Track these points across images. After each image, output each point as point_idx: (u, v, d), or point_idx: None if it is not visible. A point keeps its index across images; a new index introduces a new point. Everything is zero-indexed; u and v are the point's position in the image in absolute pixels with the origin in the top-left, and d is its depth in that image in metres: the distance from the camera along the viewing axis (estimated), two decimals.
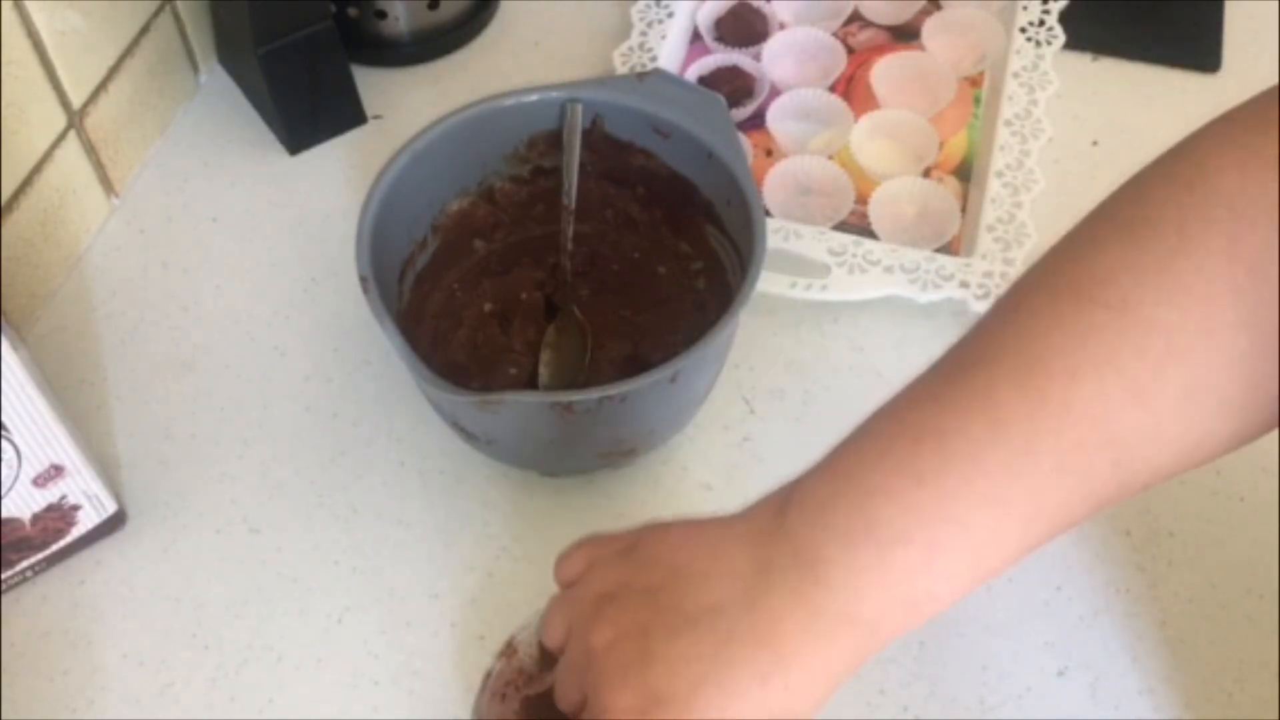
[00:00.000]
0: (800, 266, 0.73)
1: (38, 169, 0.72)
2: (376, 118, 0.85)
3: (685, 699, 0.44)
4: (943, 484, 0.43)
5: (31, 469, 0.59)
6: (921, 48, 0.85)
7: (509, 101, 0.68)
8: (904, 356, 0.72)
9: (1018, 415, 0.43)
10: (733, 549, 0.46)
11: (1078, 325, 0.43)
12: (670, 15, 0.86)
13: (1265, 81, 0.88)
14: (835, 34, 0.86)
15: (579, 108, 0.68)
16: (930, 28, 0.86)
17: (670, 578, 0.47)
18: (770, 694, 0.44)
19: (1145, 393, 0.42)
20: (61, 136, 0.74)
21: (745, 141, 0.78)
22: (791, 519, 0.45)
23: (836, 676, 0.45)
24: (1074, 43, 0.85)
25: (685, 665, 0.44)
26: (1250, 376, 0.42)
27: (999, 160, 0.78)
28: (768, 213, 0.75)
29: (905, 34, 0.87)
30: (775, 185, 0.78)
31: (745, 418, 0.69)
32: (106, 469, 0.64)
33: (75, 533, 0.64)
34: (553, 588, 0.52)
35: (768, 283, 0.72)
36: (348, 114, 0.84)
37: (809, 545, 0.44)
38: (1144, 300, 0.42)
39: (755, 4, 0.87)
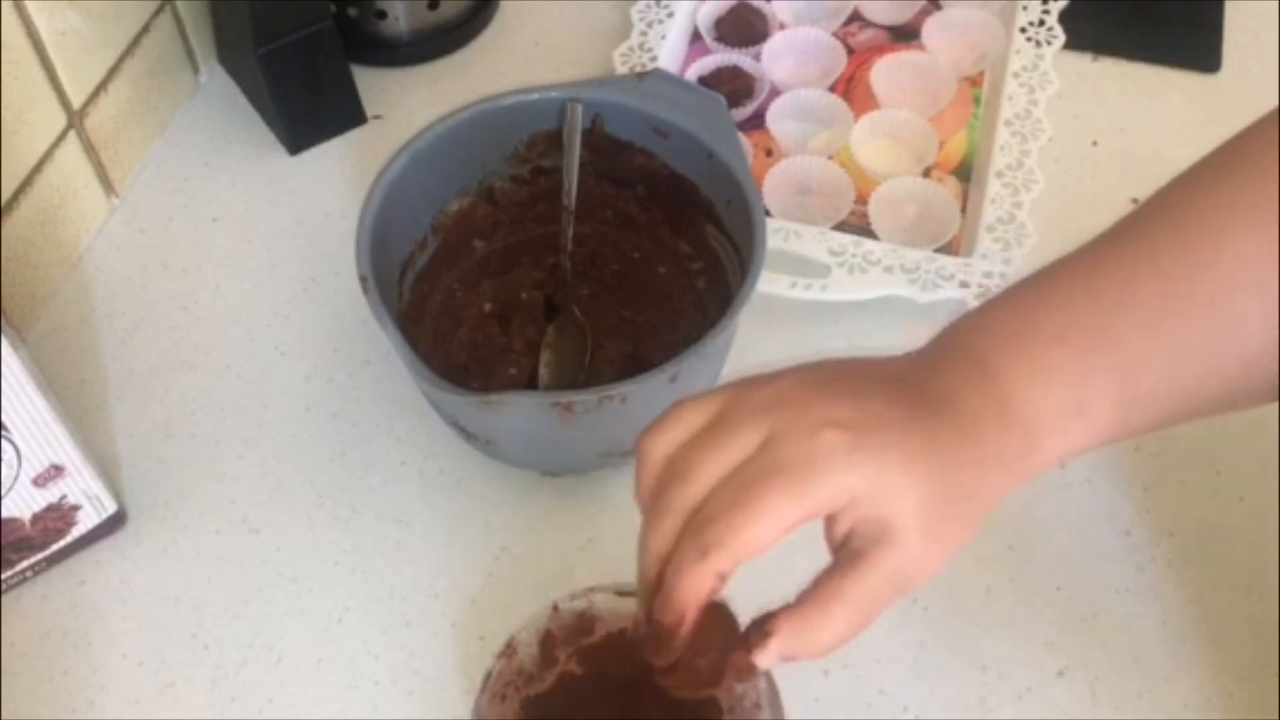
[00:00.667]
0: (800, 266, 0.73)
1: (38, 169, 0.72)
2: (376, 118, 0.85)
3: (903, 429, 0.42)
4: (1099, 302, 0.45)
5: (31, 469, 0.59)
6: (921, 48, 0.85)
7: (509, 101, 0.68)
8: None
9: (1174, 252, 0.46)
10: (892, 360, 0.46)
11: (1226, 188, 0.47)
12: (670, 15, 0.86)
13: (1265, 82, 0.88)
14: (835, 34, 0.86)
15: (579, 108, 0.68)
16: (930, 28, 0.86)
17: (829, 371, 0.45)
18: (965, 457, 0.43)
19: None
20: (61, 136, 0.74)
21: (745, 141, 0.78)
22: (948, 333, 0.47)
23: (1009, 474, 0.44)
24: (1074, 43, 0.85)
25: (897, 402, 0.43)
26: None
27: (999, 160, 0.77)
28: (768, 213, 0.75)
29: (905, 34, 0.87)
30: (775, 185, 0.78)
31: None
32: (106, 469, 0.64)
33: (75, 533, 0.64)
34: (552, 587, 0.52)
35: (768, 283, 0.72)
36: (348, 114, 0.84)
37: (974, 347, 0.45)
38: None
39: (755, 4, 0.87)
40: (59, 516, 0.62)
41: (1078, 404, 0.44)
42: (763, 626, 0.43)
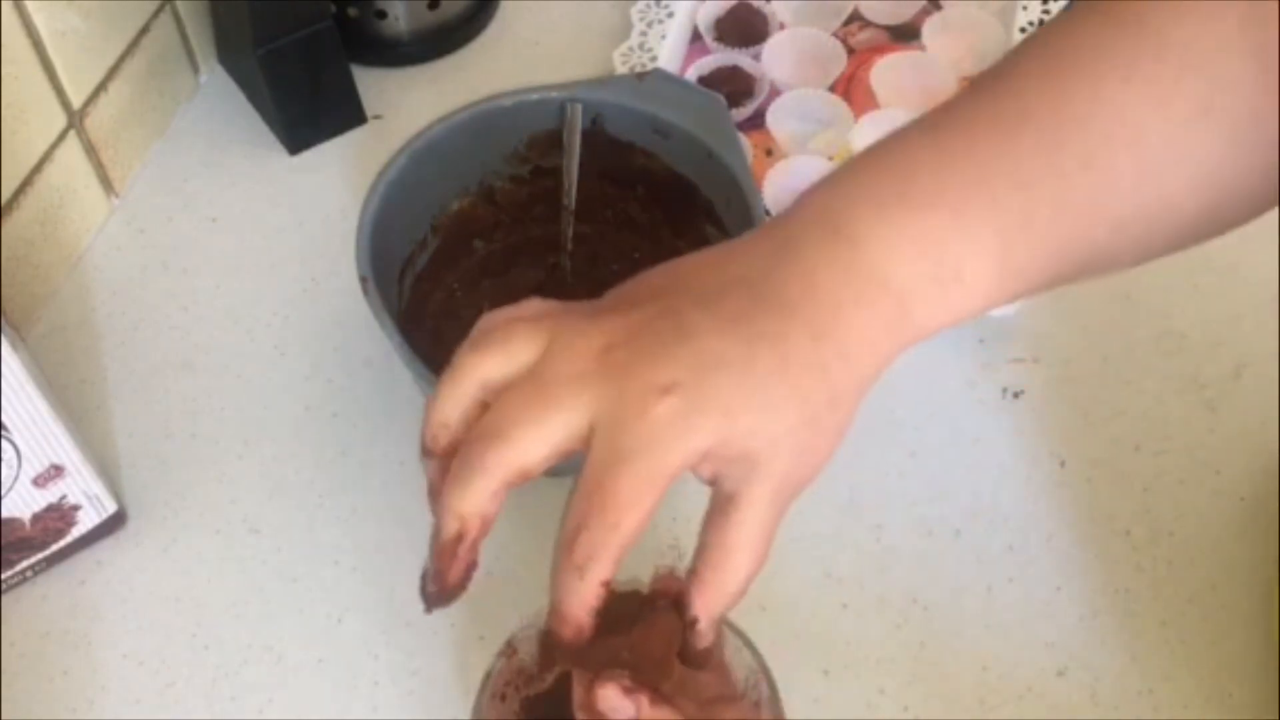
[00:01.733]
0: None
1: (38, 169, 0.72)
2: (376, 118, 0.85)
3: (744, 359, 0.39)
4: (972, 158, 0.43)
5: (31, 469, 0.59)
6: (921, 48, 0.85)
7: (509, 101, 0.68)
8: (903, 356, 0.71)
9: (1045, 107, 0.43)
10: (744, 240, 0.44)
11: (1099, 38, 0.44)
12: (670, 15, 0.86)
13: None
14: (835, 34, 0.86)
15: (579, 108, 0.68)
16: (930, 28, 0.86)
17: (675, 276, 0.43)
18: (825, 356, 0.41)
19: (1164, 98, 0.43)
20: (61, 136, 0.74)
21: (745, 141, 0.78)
22: (815, 194, 0.44)
23: (881, 353, 0.42)
24: None
25: (734, 326, 0.40)
26: (1256, 105, 0.43)
27: None
28: (768, 213, 0.75)
29: (905, 34, 0.87)
30: (775, 185, 0.78)
31: None
32: (106, 469, 0.64)
33: (75, 533, 0.64)
34: None
35: None
36: (348, 114, 0.84)
37: (836, 211, 0.43)
38: (1158, 18, 0.43)
39: (755, 4, 0.87)
40: (59, 516, 0.62)
41: (953, 272, 0.42)
42: (677, 606, 0.42)
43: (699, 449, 0.39)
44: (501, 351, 0.42)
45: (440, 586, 0.44)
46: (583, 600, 0.40)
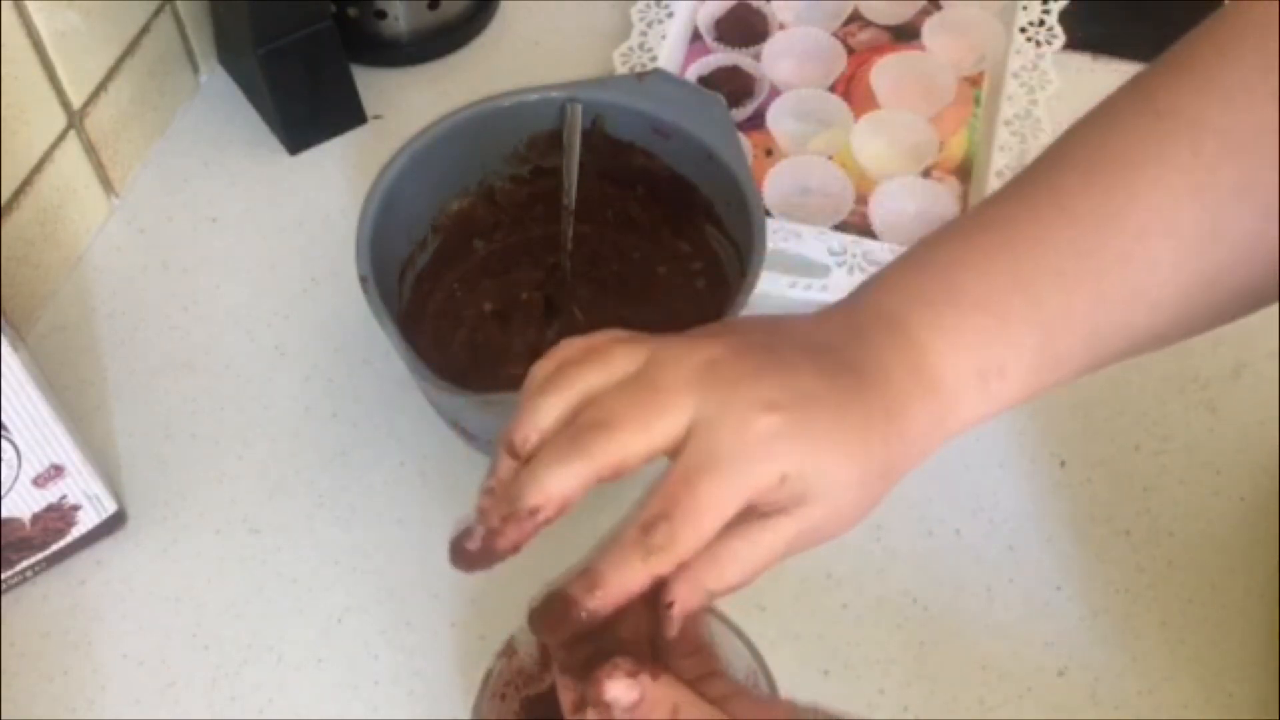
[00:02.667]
0: (800, 266, 0.73)
1: (38, 169, 0.72)
2: (376, 118, 0.85)
3: (838, 405, 0.42)
4: (1015, 259, 0.45)
5: (31, 469, 0.59)
6: (921, 48, 0.85)
7: (509, 101, 0.68)
8: None
9: (1084, 203, 0.45)
10: (820, 316, 0.46)
11: (1135, 129, 0.46)
12: (670, 15, 0.86)
13: None
14: (835, 34, 0.86)
15: (579, 108, 0.68)
16: (930, 28, 0.86)
17: (763, 328, 0.45)
18: (891, 432, 0.43)
19: (1202, 187, 0.44)
20: (61, 136, 0.74)
21: (745, 141, 0.78)
22: (874, 292, 0.47)
23: (928, 446, 0.45)
24: (1074, 43, 0.85)
25: (828, 376, 0.42)
26: None
27: (999, 160, 0.77)
28: (768, 213, 0.75)
29: (905, 34, 0.87)
30: (775, 185, 0.78)
31: None
32: (106, 469, 0.64)
33: (75, 533, 0.64)
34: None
35: (768, 283, 0.72)
36: (348, 114, 0.84)
37: (894, 310, 0.45)
38: (1194, 107, 0.45)
39: (755, 4, 0.87)
40: (59, 516, 0.62)
41: (997, 369, 0.44)
42: (650, 598, 0.42)
43: (784, 471, 0.41)
44: (603, 366, 0.43)
45: (487, 548, 0.44)
46: (632, 581, 0.41)
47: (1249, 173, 0.44)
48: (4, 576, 0.63)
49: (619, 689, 0.40)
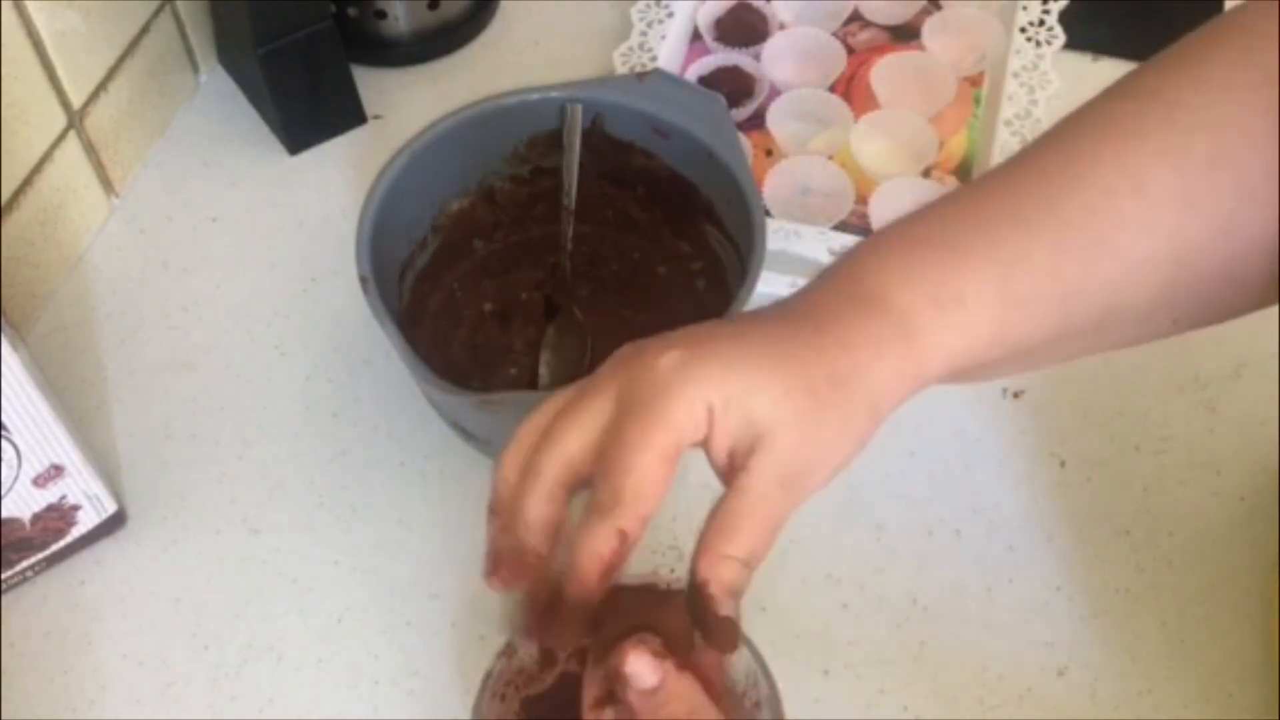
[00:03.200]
0: (800, 266, 0.73)
1: (38, 169, 0.72)
2: (376, 118, 0.85)
3: (738, 335, 0.43)
4: (976, 205, 0.46)
5: (31, 469, 0.59)
6: (921, 48, 0.85)
7: (509, 101, 0.68)
8: None
9: (1052, 165, 0.46)
10: (773, 308, 0.47)
11: (1111, 108, 0.47)
12: (670, 15, 0.86)
13: None
14: (835, 34, 0.86)
15: (579, 108, 0.68)
16: (930, 28, 0.86)
17: (704, 330, 0.45)
18: (824, 342, 0.43)
19: (1170, 151, 0.45)
20: (61, 136, 0.74)
21: (745, 141, 0.78)
22: (831, 264, 0.47)
23: (889, 362, 0.43)
24: (1074, 43, 0.85)
25: (737, 334, 0.44)
26: (1269, 160, 0.44)
27: (999, 160, 0.77)
28: (768, 213, 0.75)
29: (905, 34, 0.87)
30: (775, 185, 0.78)
31: None
32: (106, 469, 0.64)
33: (75, 533, 0.64)
34: None
35: (768, 283, 0.71)
36: (348, 114, 0.84)
37: (850, 259, 0.46)
38: (1169, 88, 0.47)
39: (755, 4, 0.87)
40: (59, 516, 0.62)
41: (953, 295, 0.44)
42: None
43: (701, 397, 0.41)
44: (542, 412, 0.46)
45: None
46: (596, 549, 0.41)
47: (1222, 147, 0.45)
48: (4, 576, 0.63)
49: (642, 664, 0.41)
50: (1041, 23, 0.86)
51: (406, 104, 0.85)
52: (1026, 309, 0.45)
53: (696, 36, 0.87)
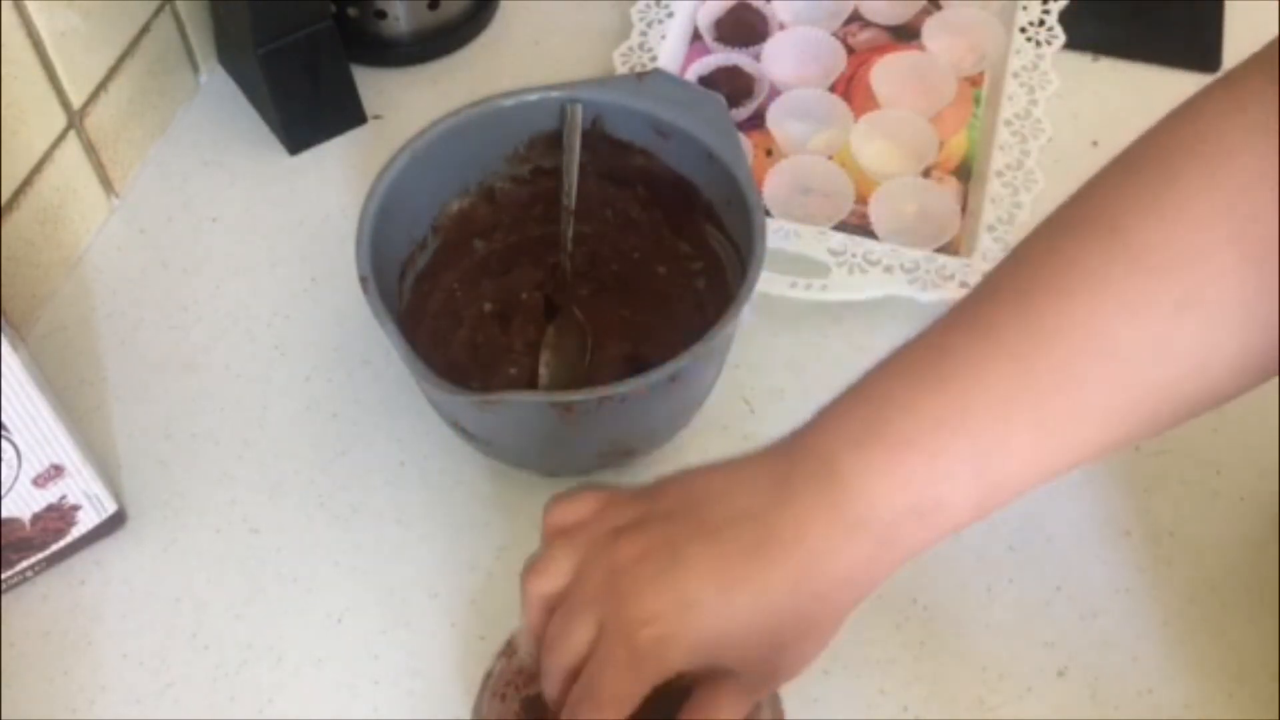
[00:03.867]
0: (800, 266, 0.73)
1: (38, 169, 0.72)
2: (376, 118, 0.85)
3: (717, 602, 0.44)
4: (946, 392, 0.45)
5: (31, 469, 0.59)
6: (921, 48, 0.85)
7: (509, 101, 0.68)
8: None
9: (1013, 331, 0.45)
10: (752, 468, 0.47)
11: (1070, 251, 0.46)
12: (670, 15, 0.86)
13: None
14: (835, 34, 0.86)
15: (579, 108, 0.68)
16: (930, 28, 0.86)
17: (690, 500, 0.47)
18: (801, 599, 0.45)
19: (1138, 305, 0.44)
20: (61, 136, 0.74)
21: (745, 141, 0.78)
22: (809, 435, 0.47)
23: (860, 586, 0.46)
24: (1074, 43, 0.85)
25: (716, 570, 0.45)
26: (1244, 289, 0.44)
27: (999, 160, 0.77)
28: (768, 213, 0.75)
29: (905, 34, 0.87)
30: (775, 185, 0.78)
31: (745, 418, 0.69)
32: (106, 469, 0.64)
33: (75, 533, 0.64)
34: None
35: (768, 283, 0.72)
36: (348, 114, 0.84)
37: (826, 453, 0.46)
38: (1132, 225, 0.45)
39: (755, 4, 0.87)
40: (59, 516, 0.62)
41: (933, 502, 0.45)
42: None
43: (673, 668, 0.45)
44: (546, 574, 0.49)
45: None
46: None
47: (1191, 288, 0.44)
48: (4, 576, 0.63)
49: None
50: (1041, 23, 0.86)
51: (406, 104, 0.85)
52: (1007, 487, 0.46)
53: (696, 36, 0.87)
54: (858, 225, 0.77)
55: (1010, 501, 0.46)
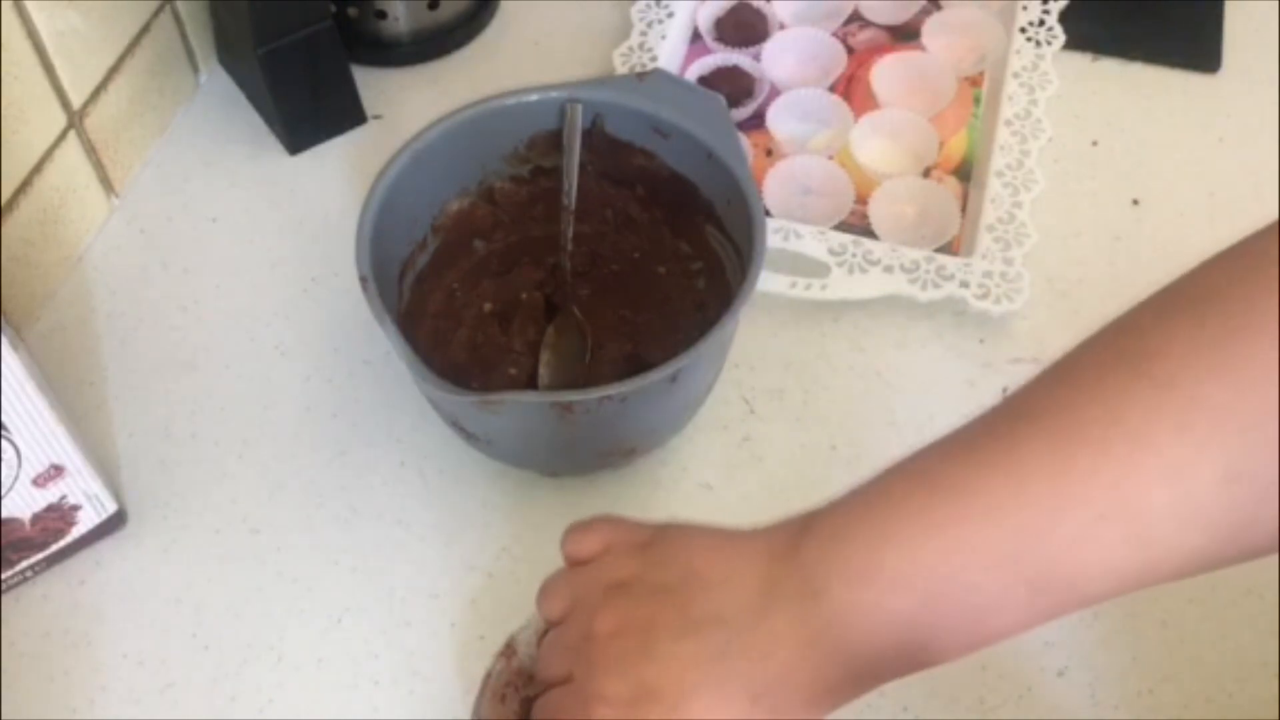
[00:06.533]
0: (800, 266, 0.73)
1: (38, 169, 0.72)
2: (376, 118, 0.85)
3: (674, 700, 0.45)
4: (955, 537, 0.42)
5: (31, 469, 0.59)
6: (921, 48, 0.85)
7: (509, 101, 0.68)
8: (904, 356, 0.72)
9: (1041, 479, 0.41)
10: (747, 563, 0.46)
11: (1118, 397, 0.41)
12: (670, 15, 0.86)
13: (1265, 82, 0.88)
14: (835, 34, 0.86)
15: (579, 108, 0.68)
16: (930, 28, 0.86)
17: (683, 579, 0.47)
18: (758, 713, 0.44)
19: (1180, 472, 0.40)
20: (61, 136, 0.74)
21: (745, 141, 0.78)
22: (805, 547, 0.45)
23: (824, 708, 0.45)
24: (1074, 43, 0.85)
25: (681, 669, 0.45)
26: None
27: (999, 160, 0.78)
28: (768, 213, 0.75)
29: (905, 34, 0.87)
30: (775, 185, 0.78)
31: (745, 418, 0.69)
32: (106, 469, 0.64)
33: (75, 533, 0.64)
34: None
35: (768, 283, 0.72)
36: (348, 114, 0.84)
37: (815, 575, 0.44)
38: (1193, 378, 0.40)
39: (755, 4, 0.87)
40: (59, 516, 0.62)
41: (918, 647, 0.44)
42: None
43: None
44: (550, 600, 0.51)
45: None
46: None
47: (1243, 459, 0.40)
48: (4, 576, 0.63)
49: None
50: (1041, 23, 0.86)
51: (406, 104, 0.85)
52: (995, 636, 0.43)
53: (696, 36, 0.87)
54: (858, 225, 0.77)
55: (997, 641, 0.44)
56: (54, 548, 0.63)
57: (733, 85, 0.82)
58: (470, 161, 0.70)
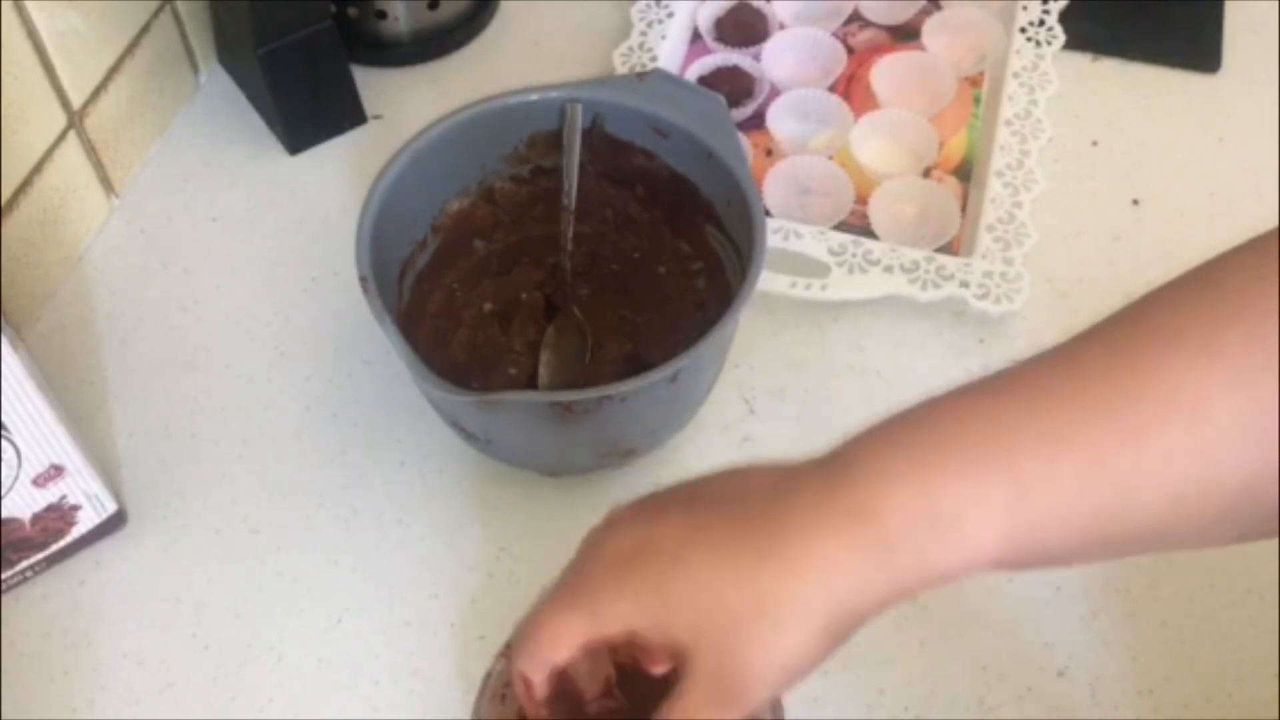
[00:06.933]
0: (800, 266, 0.73)
1: (38, 169, 0.72)
2: (376, 118, 0.85)
3: (672, 551, 0.43)
4: (998, 408, 0.41)
5: (31, 469, 0.59)
6: (921, 48, 0.85)
7: (509, 101, 0.68)
8: (904, 356, 0.72)
9: (1099, 372, 0.40)
10: (779, 470, 0.45)
11: (1188, 306, 0.41)
12: (670, 15, 0.86)
13: (1265, 82, 0.88)
14: (835, 34, 0.86)
15: (579, 108, 0.68)
16: (930, 28, 0.86)
17: (714, 486, 0.46)
18: (761, 576, 0.41)
19: (1244, 377, 0.38)
20: (61, 136, 0.74)
21: (745, 141, 0.78)
22: (834, 451, 0.44)
23: (843, 591, 0.41)
24: (1074, 43, 0.85)
25: (687, 528, 0.44)
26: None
27: (999, 160, 0.78)
28: (768, 213, 0.75)
29: (905, 34, 0.87)
30: (775, 185, 0.78)
31: (745, 418, 0.69)
32: (106, 469, 0.64)
33: (75, 533, 0.64)
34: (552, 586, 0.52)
35: (768, 283, 0.72)
36: (348, 114, 0.84)
37: (844, 455, 0.43)
38: (1266, 296, 0.39)
39: (755, 4, 0.87)
40: (59, 516, 0.62)
41: (952, 518, 0.40)
42: None
43: (623, 615, 0.44)
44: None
45: None
46: (523, 694, 0.47)
47: (1259, 400, 0.38)
48: (4, 576, 0.63)
49: None
50: (1041, 23, 0.86)
51: (406, 104, 0.85)
52: (1040, 533, 0.40)
53: (696, 36, 0.87)
54: (858, 225, 0.77)
55: (1045, 556, 0.41)
56: (54, 548, 0.63)
57: (733, 85, 0.82)
58: (470, 161, 0.70)
